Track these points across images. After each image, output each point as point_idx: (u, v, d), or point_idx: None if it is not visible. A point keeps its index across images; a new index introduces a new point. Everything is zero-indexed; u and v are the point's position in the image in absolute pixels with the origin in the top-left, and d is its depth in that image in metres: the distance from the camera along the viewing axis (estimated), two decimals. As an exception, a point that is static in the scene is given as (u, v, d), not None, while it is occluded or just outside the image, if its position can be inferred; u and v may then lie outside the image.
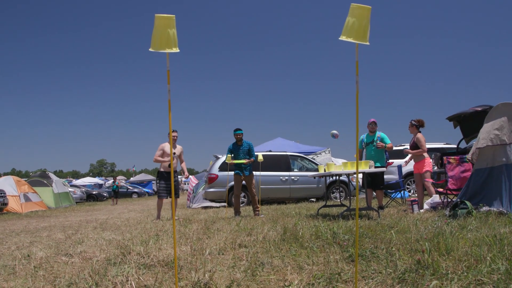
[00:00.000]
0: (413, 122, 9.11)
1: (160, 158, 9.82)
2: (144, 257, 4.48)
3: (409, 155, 9.47)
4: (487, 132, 7.23)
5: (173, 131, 10.03)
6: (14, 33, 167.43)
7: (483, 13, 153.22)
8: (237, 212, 9.84)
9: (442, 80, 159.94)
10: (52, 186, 22.94)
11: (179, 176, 10.58)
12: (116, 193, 27.69)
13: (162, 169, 9.93)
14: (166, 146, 9.86)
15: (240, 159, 9.85)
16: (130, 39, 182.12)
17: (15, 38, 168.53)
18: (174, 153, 9.89)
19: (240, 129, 9.92)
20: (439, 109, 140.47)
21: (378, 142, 9.22)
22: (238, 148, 9.90)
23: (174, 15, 2.47)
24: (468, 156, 7.76)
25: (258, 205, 9.80)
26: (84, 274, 3.81)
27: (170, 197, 10.07)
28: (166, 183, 9.94)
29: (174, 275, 3.62)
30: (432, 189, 8.95)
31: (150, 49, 2.50)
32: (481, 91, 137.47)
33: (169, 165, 9.84)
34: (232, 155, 9.93)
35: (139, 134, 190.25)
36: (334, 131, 13.19)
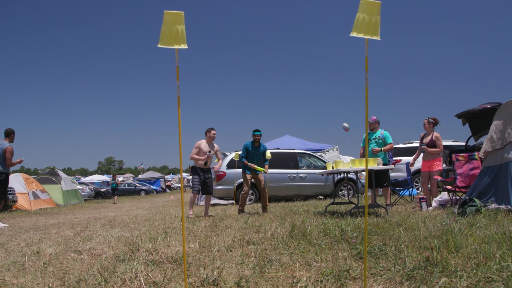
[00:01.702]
0: (430, 119, 9.05)
1: (196, 156, 9.84)
2: (152, 254, 4.49)
3: (416, 153, 9.46)
4: (501, 131, 7.18)
5: (212, 129, 10.06)
6: (21, 29, 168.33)
7: (493, 13, 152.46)
8: (242, 210, 9.83)
9: (451, 77, 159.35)
10: (60, 184, 23.04)
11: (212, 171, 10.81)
12: (115, 191, 25.94)
13: (196, 165, 9.96)
14: (203, 144, 9.89)
15: (255, 161, 9.82)
16: (138, 35, 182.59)
17: (23, 34, 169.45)
18: (210, 151, 9.90)
19: (259, 130, 9.86)
20: (447, 106, 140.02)
21: (374, 147, 9.19)
22: (255, 149, 9.86)
23: (183, 12, 2.47)
24: (480, 154, 7.71)
25: (268, 203, 9.80)
26: (93, 271, 3.83)
27: (204, 193, 10.17)
28: (200, 179, 9.96)
29: (182, 272, 3.63)
30: (436, 188, 8.94)
31: (159, 45, 2.50)
32: (490, 88, 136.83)
33: (205, 163, 9.88)
34: (247, 155, 9.84)
35: (147, 132, 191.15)
36: (345, 124, 13.14)
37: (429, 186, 9.08)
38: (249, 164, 9.68)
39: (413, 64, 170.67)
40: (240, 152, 9.89)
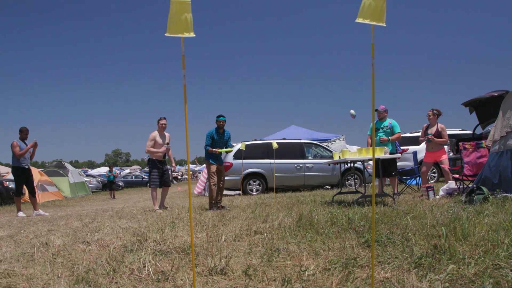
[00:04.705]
0: (434, 111, 9.11)
1: (152, 149, 9.81)
2: (160, 244, 4.51)
3: (421, 132, 9.46)
4: (507, 118, 7.14)
5: (163, 118, 10.02)
6: (27, 19, 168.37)
7: (502, 1, 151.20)
8: (214, 204, 9.15)
9: (458, 65, 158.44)
10: (68, 176, 23.16)
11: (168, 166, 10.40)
12: (112, 184, 22.14)
13: (154, 158, 9.93)
14: (157, 136, 9.89)
15: (220, 148, 9.19)
16: (143, 25, 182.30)
17: (29, 24, 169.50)
18: (167, 143, 9.88)
19: (223, 116, 9.23)
20: (454, 94, 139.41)
21: (381, 136, 9.17)
22: (220, 136, 9.23)
23: (189, 0, 2.45)
24: (488, 142, 7.68)
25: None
26: (102, 261, 3.85)
27: (161, 186, 10.14)
28: (159, 172, 9.97)
29: (190, 261, 3.64)
30: (450, 176, 8.96)
31: (166, 34, 2.48)
32: (498, 76, 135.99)
33: (164, 155, 9.88)
34: (212, 143, 9.17)
35: (154, 123, 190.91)
36: (352, 111, 13.10)
37: (434, 175, 9.08)
38: (213, 150, 9.01)
39: (420, 52, 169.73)
40: (247, 142, 9.80)
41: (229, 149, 9.37)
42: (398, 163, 11.33)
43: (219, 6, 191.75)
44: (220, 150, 9.06)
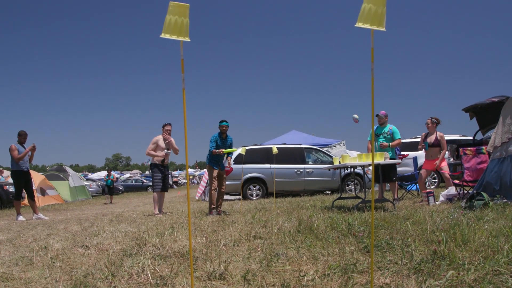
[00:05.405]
0: (433, 119, 9.13)
1: (153, 152, 9.82)
2: (159, 249, 4.50)
3: (420, 140, 9.48)
4: (508, 125, 7.13)
5: (168, 124, 10.04)
6: (27, 20, 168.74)
7: (502, 6, 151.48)
8: (215, 208, 9.13)
9: (458, 71, 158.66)
10: (68, 180, 23.14)
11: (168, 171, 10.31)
12: (111, 189, 21.24)
13: (157, 162, 9.93)
14: (160, 140, 9.89)
15: (223, 154, 9.19)
16: (143, 29, 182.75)
17: (29, 25, 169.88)
18: (168, 149, 9.86)
19: (226, 121, 9.27)
20: (455, 100, 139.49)
21: (382, 142, 9.17)
22: (223, 141, 9.26)
23: (188, 4, 2.46)
24: (488, 148, 7.67)
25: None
26: (101, 265, 3.84)
27: (160, 190, 10.06)
28: (162, 175, 9.96)
29: (189, 266, 3.63)
30: (450, 181, 8.96)
31: (161, 35, 2.49)
32: (498, 82, 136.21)
33: (162, 160, 9.86)
34: (216, 148, 9.14)
35: (155, 128, 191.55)
36: (355, 116, 13.08)
37: (434, 181, 9.06)
38: (217, 151, 8.96)
39: (420, 57, 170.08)
40: (247, 147, 9.80)
41: (233, 149, 9.42)
42: (398, 169, 11.33)
43: (220, 9, 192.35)
44: (224, 150, 9.06)
